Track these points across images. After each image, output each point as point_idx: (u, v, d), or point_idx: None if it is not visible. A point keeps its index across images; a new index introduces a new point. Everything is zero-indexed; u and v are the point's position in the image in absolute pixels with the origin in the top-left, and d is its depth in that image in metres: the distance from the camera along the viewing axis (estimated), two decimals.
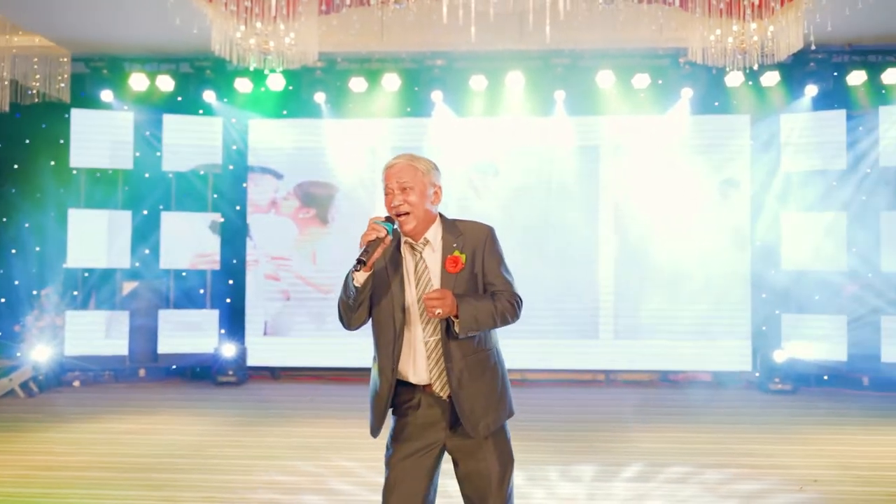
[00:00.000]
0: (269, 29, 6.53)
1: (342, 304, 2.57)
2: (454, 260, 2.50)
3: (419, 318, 2.51)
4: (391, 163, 2.59)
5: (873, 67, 8.02)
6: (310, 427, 6.35)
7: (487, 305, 2.45)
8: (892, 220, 8.04)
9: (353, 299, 2.50)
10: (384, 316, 2.54)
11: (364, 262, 2.39)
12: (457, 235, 2.55)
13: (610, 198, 8.59)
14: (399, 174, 2.55)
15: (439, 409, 2.53)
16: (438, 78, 8.39)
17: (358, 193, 8.76)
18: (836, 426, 6.39)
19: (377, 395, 2.58)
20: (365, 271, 2.44)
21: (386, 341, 2.54)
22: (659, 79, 8.37)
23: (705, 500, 4.40)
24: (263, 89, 8.51)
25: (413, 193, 2.53)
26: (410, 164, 2.58)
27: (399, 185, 2.53)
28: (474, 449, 2.52)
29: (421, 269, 2.54)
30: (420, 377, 2.52)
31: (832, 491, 4.54)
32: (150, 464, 5.15)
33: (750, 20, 6.36)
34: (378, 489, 4.36)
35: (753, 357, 8.36)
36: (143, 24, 7.51)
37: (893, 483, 4.70)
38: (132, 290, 8.65)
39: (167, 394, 7.93)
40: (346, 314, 2.58)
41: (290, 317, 8.84)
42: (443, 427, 2.53)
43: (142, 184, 8.60)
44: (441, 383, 2.50)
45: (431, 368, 2.50)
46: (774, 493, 4.51)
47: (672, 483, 4.72)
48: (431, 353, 2.50)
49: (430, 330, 2.50)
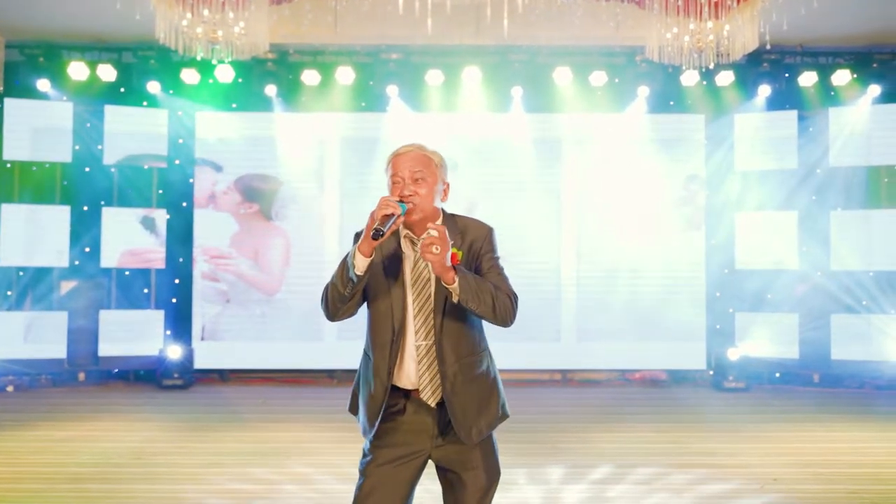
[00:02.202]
0: (217, 17, 6.25)
1: (333, 293, 2.37)
2: (451, 257, 2.34)
3: (413, 320, 2.38)
4: (402, 150, 2.43)
5: (824, 69, 8.14)
6: (261, 431, 6.09)
7: (486, 284, 2.33)
8: (842, 219, 8.18)
9: (348, 288, 2.31)
10: (381, 313, 2.40)
11: (382, 233, 2.18)
12: (456, 231, 2.43)
13: (568, 195, 8.54)
14: (412, 163, 2.38)
15: (426, 415, 2.40)
16: (394, 72, 8.20)
17: (305, 188, 8.49)
18: (791, 423, 6.44)
19: (371, 396, 2.41)
20: (366, 257, 2.26)
21: (383, 340, 2.39)
22: (616, 77, 8.34)
23: (671, 503, 4.33)
24: (212, 81, 8.18)
25: (424, 185, 2.38)
26: (424, 155, 2.42)
27: (411, 175, 2.37)
28: (462, 459, 2.41)
29: (421, 266, 2.40)
30: (409, 381, 2.39)
31: (794, 490, 4.52)
32: (89, 473, 4.84)
33: (707, 19, 6.36)
34: (335, 495, 4.09)
35: (708, 355, 8.40)
36: (82, 10, 7.14)
37: (853, 480, 4.71)
38: (70, 289, 8.21)
39: (109, 398, 7.54)
40: (334, 304, 2.39)
41: (231, 320, 8.45)
42: (429, 435, 2.40)
43: (81, 178, 8.18)
44: (430, 390, 2.37)
45: (421, 373, 2.37)
46: (737, 494, 4.46)
47: (636, 485, 4.64)
48: (423, 358, 2.37)
49: (423, 333, 2.37)
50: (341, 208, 8.46)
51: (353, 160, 8.49)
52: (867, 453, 5.40)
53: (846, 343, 8.08)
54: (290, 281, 8.44)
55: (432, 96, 8.35)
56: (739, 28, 6.39)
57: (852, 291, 8.08)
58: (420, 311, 2.37)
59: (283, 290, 8.46)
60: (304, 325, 8.41)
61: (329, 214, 8.45)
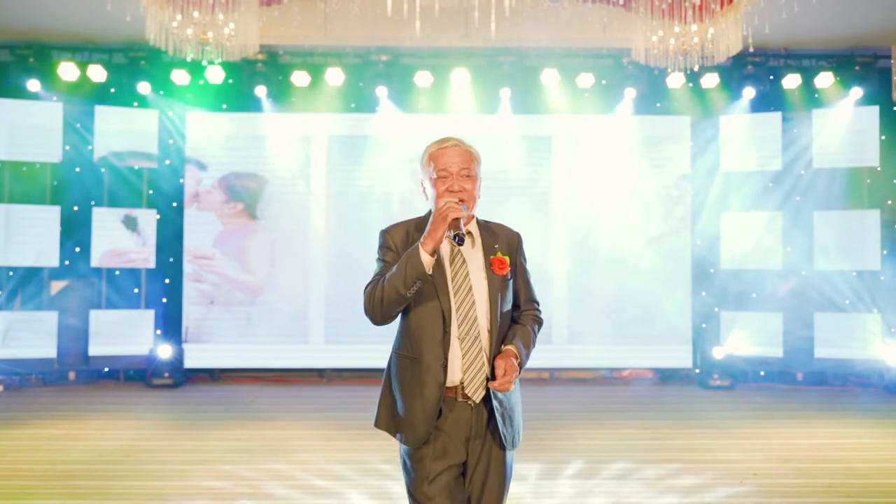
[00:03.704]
0: (207, 19, 6.30)
1: (391, 297, 2.28)
2: (501, 262, 2.39)
3: (455, 313, 2.34)
4: (446, 143, 2.42)
5: (807, 71, 8.25)
6: (249, 430, 6.14)
7: (528, 338, 2.45)
8: (825, 220, 8.29)
9: (412, 290, 2.26)
10: (427, 307, 2.34)
11: (462, 240, 2.24)
12: (494, 236, 2.46)
13: (557, 197, 8.62)
14: (460, 159, 2.39)
15: (468, 414, 2.35)
16: (383, 73, 8.26)
17: (292, 188, 8.53)
18: (773, 420, 6.54)
19: (424, 397, 2.31)
20: (433, 257, 2.25)
21: (432, 335, 2.32)
22: (603, 79, 8.44)
23: (647, 496, 4.41)
24: (202, 82, 8.23)
25: (471, 182, 2.40)
26: (468, 150, 2.44)
27: (459, 171, 2.38)
28: (487, 460, 2.38)
29: (458, 260, 2.38)
30: (453, 377, 2.33)
31: (771, 483, 4.62)
32: (77, 471, 4.89)
33: (691, 22, 6.46)
34: (320, 493, 4.17)
35: (694, 354, 8.50)
36: (72, 10, 7.17)
37: (829, 474, 4.80)
38: (61, 289, 8.25)
39: (98, 397, 7.58)
40: (389, 307, 2.31)
41: (214, 322, 8.44)
42: (465, 438, 2.36)
43: (71, 178, 8.21)
44: (476, 384, 2.32)
45: (467, 367, 2.32)
46: (715, 487, 4.55)
47: (615, 479, 4.73)
48: (468, 351, 2.32)
49: (467, 326, 2.33)
50: (328, 208, 8.51)
51: (341, 160, 8.54)
52: (845, 448, 5.51)
53: (829, 341, 8.20)
54: (275, 281, 8.47)
55: (421, 97, 8.42)
56: (723, 31, 6.49)
57: (835, 291, 8.19)
58: (462, 303, 2.34)
59: (267, 291, 8.49)
60: (289, 327, 8.43)
61: (316, 214, 8.50)
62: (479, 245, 2.42)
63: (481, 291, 2.36)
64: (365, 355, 8.24)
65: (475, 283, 2.36)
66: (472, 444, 2.36)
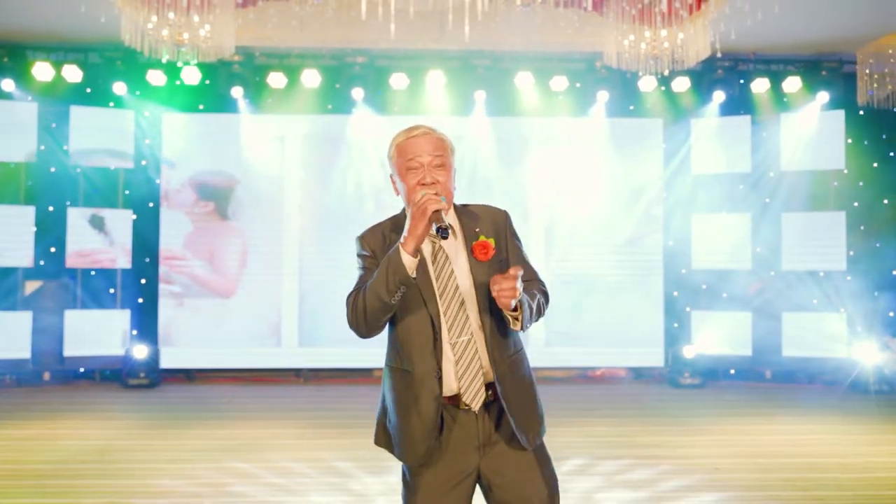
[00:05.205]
0: (182, 20, 6.34)
1: (375, 305, 2.06)
2: (483, 246, 2.15)
3: (444, 317, 2.13)
4: (416, 131, 2.17)
5: (776, 76, 8.43)
6: (224, 429, 6.18)
7: (534, 295, 2.16)
8: (793, 221, 8.47)
9: (396, 296, 2.04)
10: (414, 315, 2.13)
11: (447, 233, 2.00)
12: (475, 220, 2.22)
13: (531, 199, 8.73)
14: (431, 147, 2.15)
15: (470, 424, 2.15)
16: (359, 75, 8.33)
17: (266, 189, 8.54)
18: (739, 417, 6.69)
19: (418, 413, 2.11)
20: (415, 258, 2.02)
21: (421, 343, 2.12)
22: (577, 82, 8.57)
23: (607, 490, 4.52)
24: (178, 82, 8.26)
25: (444, 172, 2.16)
26: (440, 138, 2.18)
27: (433, 161, 2.14)
28: (517, 468, 2.15)
29: (441, 258, 2.16)
30: (448, 386, 2.13)
31: (733, 478, 4.74)
32: (50, 470, 4.92)
33: (661, 27, 6.60)
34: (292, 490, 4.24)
35: (665, 353, 8.65)
36: (46, 11, 7.17)
37: (788, 469, 4.95)
38: (36, 289, 8.23)
39: (73, 398, 7.59)
40: (374, 316, 2.08)
41: (190, 323, 8.43)
42: (475, 447, 2.15)
43: (47, 178, 8.20)
44: (473, 391, 2.12)
45: (461, 375, 2.12)
46: (677, 482, 4.67)
47: (575, 475, 4.83)
48: (460, 357, 2.12)
49: (458, 330, 2.12)
50: (303, 209, 8.55)
51: (316, 162, 8.60)
52: (806, 444, 5.66)
53: (797, 340, 8.38)
54: (248, 282, 8.48)
55: (397, 99, 8.50)
56: (692, 37, 6.63)
57: (803, 291, 8.37)
58: (449, 305, 2.13)
59: (240, 292, 8.49)
60: (264, 328, 8.45)
61: (290, 215, 8.54)
62: (460, 236, 2.20)
63: (469, 287, 2.14)
64: (341, 356, 8.31)
65: (462, 280, 2.15)
66: (485, 450, 2.15)
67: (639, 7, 6.46)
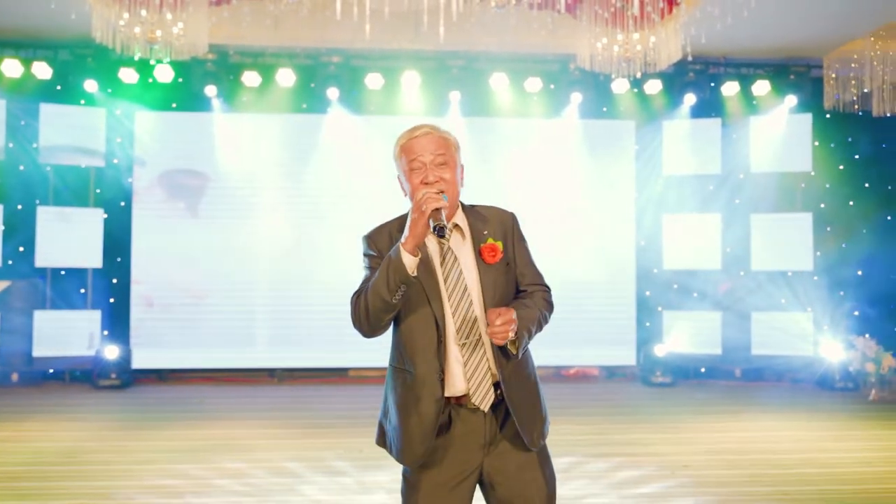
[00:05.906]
0: (155, 18, 6.29)
1: (377, 305, 2.07)
2: (492, 248, 2.17)
3: (451, 318, 2.14)
4: (419, 131, 2.19)
5: (745, 79, 8.59)
6: (196, 429, 6.16)
7: (532, 314, 2.19)
8: (762, 222, 8.63)
9: (397, 295, 2.05)
10: (417, 315, 2.14)
11: (444, 231, 2.01)
12: (483, 221, 2.24)
13: (504, 198, 8.76)
14: (434, 146, 2.16)
15: (476, 423, 2.16)
16: (334, 75, 8.33)
17: (239, 188, 8.49)
18: (709, 415, 6.81)
19: (418, 414, 2.12)
20: (415, 257, 2.03)
21: (424, 344, 2.13)
22: (550, 83, 8.64)
23: (584, 488, 4.59)
24: (151, 80, 8.18)
25: (448, 170, 2.17)
26: (442, 136, 2.19)
27: (434, 160, 2.15)
28: (519, 467, 2.18)
29: (450, 259, 2.17)
30: (456, 387, 2.13)
31: (700, 474, 4.84)
32: (18, 472, 4.86)
33: (633, 30, 6.69)
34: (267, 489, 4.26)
35: (637, 352, 8.76)
36: (15, 6, 7.07)
37: (755, 465, 5.06)
38: (4, 289, 8.11)
39: (42, 399, 7.49)
40: (377, 316, 2.09)
41: (161, 323, 8.33)
42: (480, 445, 2.16)
43: (15, 176, 8.08)
44: (482, 392, 2.13)
45: (469, 375, 2.12)
46: (647, 479, 4.75)
47: None
48: (469, 358, 2.13)
49: (465, 331, 2.13)
50: (276, 209, 8.52)
51: (290, 161, 8.56)
52: (772, 440, 5.78)
53: (766, 339, 8.54)
54: (219, 282, 8.40)
55: (372, 99, 8.51)
56: (664, 40, 6.74)
57: (771, 290, 8.54)
58: (458, 306, 2.14)
59: (212, 292, 8.40)
60: (236, 328, 8.38)
61: (263, 215, 8.51)
62: (468, 237, 2.21)
63: (477, 288, 2.16)
64: (315, 357, 8.30)
65: (470, 281, 2.16)
66: (489, 449, 2.17)
67: (611, 10, 6.54)
